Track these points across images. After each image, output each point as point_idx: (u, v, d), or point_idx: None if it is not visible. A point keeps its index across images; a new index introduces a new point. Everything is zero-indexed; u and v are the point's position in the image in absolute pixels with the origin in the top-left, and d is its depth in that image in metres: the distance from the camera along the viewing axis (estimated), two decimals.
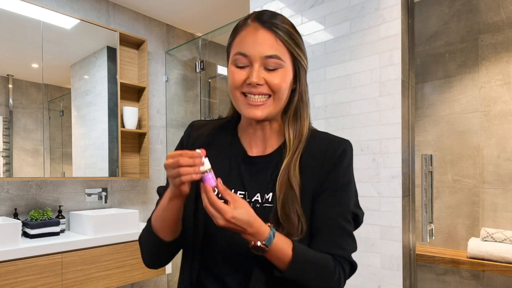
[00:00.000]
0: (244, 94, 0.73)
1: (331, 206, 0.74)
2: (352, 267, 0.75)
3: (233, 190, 0.77)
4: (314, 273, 0.68)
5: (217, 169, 0.77)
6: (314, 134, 0.80)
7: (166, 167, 0.66)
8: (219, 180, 0.65)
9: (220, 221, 0.64)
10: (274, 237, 0.66)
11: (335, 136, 0.80)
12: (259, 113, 0.73)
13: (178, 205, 0.71)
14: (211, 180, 0.65)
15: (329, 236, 0.72)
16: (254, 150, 0.81)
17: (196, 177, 0.65)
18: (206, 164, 0.66)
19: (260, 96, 0.72)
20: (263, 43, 0.71)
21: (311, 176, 0.74)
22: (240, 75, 0.72)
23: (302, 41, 0.78)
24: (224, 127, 0.84)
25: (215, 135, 0.83)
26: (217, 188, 0.65)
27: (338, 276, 0.70)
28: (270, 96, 0.73)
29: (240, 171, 0.79)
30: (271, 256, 0.67)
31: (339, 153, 0.76)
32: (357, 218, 0.77)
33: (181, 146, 0.86)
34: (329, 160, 0.75)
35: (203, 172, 0.66)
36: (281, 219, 0.71)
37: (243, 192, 0.77)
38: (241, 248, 0.72)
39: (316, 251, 0.71)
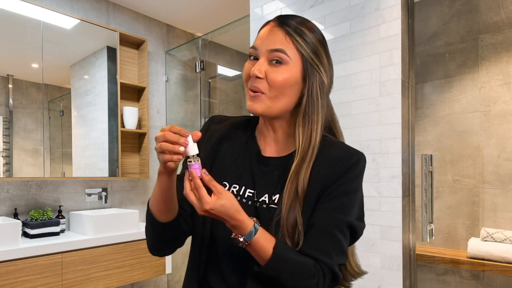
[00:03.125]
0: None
1: (328, 211, 0.72)
2: (335, 278, 0.71)
3: (243, 187, 0.78)
4: (291, 275, 0.68)
5: (230, 165, 0.79)
6: (330, 143, 0.77)
7: (155, 139, 0.65)
8: (205, 170, 0.65)
9: (199, 211, 0.64)
10: (255, 233, 0.66)
11: (351, 147, 0.78)
12: (258, 107, 0.73)
13: (166, 181, 0.70)
14: (198, 169, 0.64)
15: (317, 240, 0.70)
16: (268, 151, 0.81)
17: (176, 157, 0.63)
18: (193, 149, 0.64)
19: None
20: (272, 38, 0.73)
21: (319, 183, 0.73)
22: (247, 68, 0.75)
23: (325, 49, 0.77)
24: (243, 125, 0.85)
25: (234, 131, 0.84)
26: (201, 178, 0.64)
27: (316, 283, 0.69)
28: (263, 93, 0.73)
29: (252, 170, 0.79)
30: (251, 250, 0.68)
31: (352, 162, 0.74)
32: (354, 232, 0.74)
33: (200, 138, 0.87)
34: (340, 167, 0.74)
35: (189, 159, 0.64)
36: (284, 227, 0.70)
37: (253, 191, 0.77)
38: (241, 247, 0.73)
39: (302, 253, 0.70)
